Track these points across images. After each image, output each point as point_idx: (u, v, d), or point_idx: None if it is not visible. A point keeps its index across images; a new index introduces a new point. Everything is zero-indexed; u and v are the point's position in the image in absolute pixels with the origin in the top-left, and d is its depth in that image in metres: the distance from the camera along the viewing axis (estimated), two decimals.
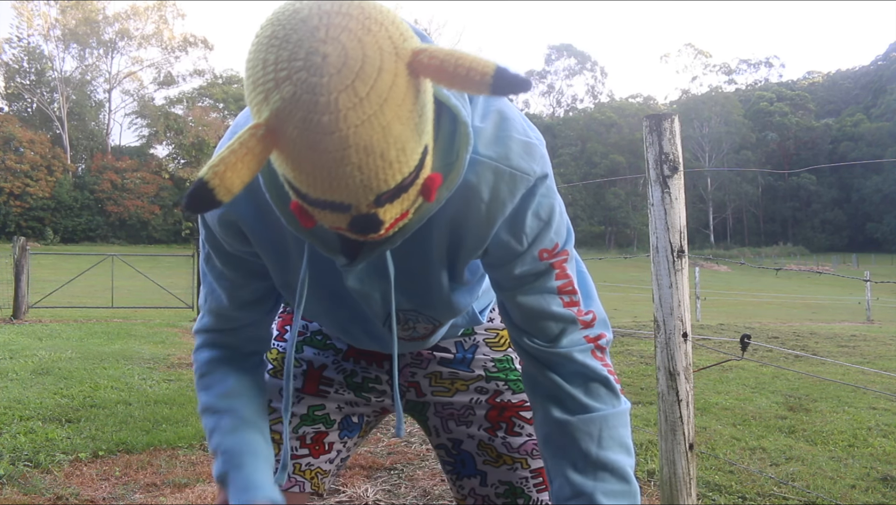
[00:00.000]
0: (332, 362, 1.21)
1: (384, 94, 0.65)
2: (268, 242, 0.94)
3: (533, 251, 0.92)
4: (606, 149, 63.73)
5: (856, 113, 69.96)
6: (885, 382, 5.60)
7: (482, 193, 0.86)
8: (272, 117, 0.65)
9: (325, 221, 0.74)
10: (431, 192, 0.75)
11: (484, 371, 1.21)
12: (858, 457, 3.39)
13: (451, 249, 0.93)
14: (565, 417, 0.96)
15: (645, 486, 2.82)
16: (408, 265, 0.94)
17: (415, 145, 0.69)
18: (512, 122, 0.88)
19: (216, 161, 0.66)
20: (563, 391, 0.96)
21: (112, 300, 11.89)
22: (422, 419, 1.27)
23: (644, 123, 2.03)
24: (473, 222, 0.89)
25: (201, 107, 57.50)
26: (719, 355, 5.70)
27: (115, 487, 2.73)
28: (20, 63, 55.79)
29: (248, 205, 0.90)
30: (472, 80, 0.66)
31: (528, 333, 0.97)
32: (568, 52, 75.47)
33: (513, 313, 0.98)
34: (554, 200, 0.92)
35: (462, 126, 0.80)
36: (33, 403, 4.01)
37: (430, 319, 1.05)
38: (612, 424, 0.96)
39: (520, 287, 0.94)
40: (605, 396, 0.97)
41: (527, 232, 0.90)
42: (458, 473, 1.25)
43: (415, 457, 3.21)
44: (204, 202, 0.66)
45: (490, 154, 0.85)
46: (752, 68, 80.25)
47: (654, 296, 2.01)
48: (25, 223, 47.20)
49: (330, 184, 0.67)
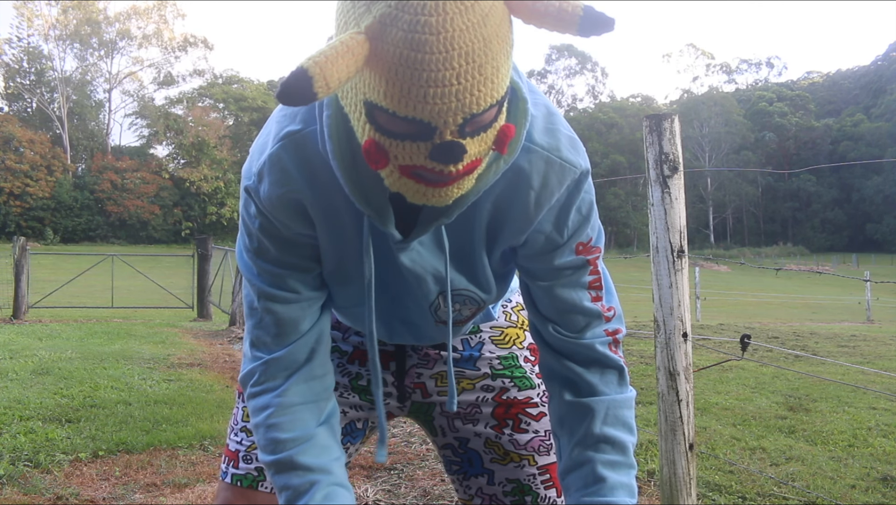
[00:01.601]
0: (337, 365, 1.20)
1: (486, 9, 0.68)
2: (327, 221, 0.94)
3: (571, 244, 0.95)
4: (606, 149, 63.69)
5: (856, 113, 69.94)
6: (885, 382, 5.60)
7: (533, 181, 0.89)
8: (375, 23, 0.68)
9: (403, 155, 0.74)
10: (505, 143, 0.77)
11: (490, 369, 1.21)
12: (858, 457, 3.39)
13: (491, 231, 0.95)
14: (577, 399, 1.01)
15: (645, 486, 2.82)
16: (455, 242, 0.95)
17: (505, 73, 0.72)
18: (559, 118, 0.92)
19: (316, 55, 0.66)
20: (580, 378, 1.01)
21: (112, 300, 11.89)
22: (427, 420, 1.26)
23: (644, 123, 2.03)
24: (519, 207, 0.91)
25: (201, 107, 57.48)
26: (719, 355, 5.70)
27: (115, 487, 2.73)
28: (20, 63, 55.80)
29: (310, 182, 0.90)
30: (562, 18, 0.69)
31: (556, 323, 1.00)
32: (569, 53, 75.43)
33: (542, 304, 1.01)
34: (592, 196, 0.96)
35: (522, 102, 0.83)
36: (33, 403, 4.01)
37: (475, 300, 1.04)
38: (618, 406, 1.01)
39: (557, 280, 0.98)
40: (616, 384, 1.02)
41: (569, 225, 0.94)
42: (466, 473, 1.24)
43: (415, 457, 3.21)
44: (301, 92, 0.66)
45: (542, 143, 0.89)
46: (752, 68, 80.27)
47: (654, 296, 2.01)
48: (25, 223, 47.17)
49: (426, 94, 0.68)
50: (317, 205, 0.92)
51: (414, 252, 0.94)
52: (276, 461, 0.96)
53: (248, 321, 1.00)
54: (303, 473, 0.95)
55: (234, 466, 1.15)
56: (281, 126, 0.90)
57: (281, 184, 0.89)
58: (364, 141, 0.76)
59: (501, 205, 0.91)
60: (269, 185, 0.90)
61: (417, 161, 0.74)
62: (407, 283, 1.00)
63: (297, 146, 0.88)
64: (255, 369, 0.99)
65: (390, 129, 0.72)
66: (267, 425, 0.97)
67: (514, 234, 0.94)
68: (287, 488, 0.95)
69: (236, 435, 1.17)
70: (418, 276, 0.97)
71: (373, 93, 0.71)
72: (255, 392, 0.99)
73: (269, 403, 0.97)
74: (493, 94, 0.71)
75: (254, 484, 1.13)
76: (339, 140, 0.84)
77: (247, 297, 1.00)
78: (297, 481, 0.95)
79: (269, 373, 0.98)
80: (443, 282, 0.98)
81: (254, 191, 0.92)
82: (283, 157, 0.88)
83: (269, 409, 0.97)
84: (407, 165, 0.75)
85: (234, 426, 1.18)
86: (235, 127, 57.60)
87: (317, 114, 0.87)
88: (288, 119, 0.90)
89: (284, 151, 0.88)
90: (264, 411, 0.98)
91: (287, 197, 0.90)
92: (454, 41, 0.67)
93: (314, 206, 0.92)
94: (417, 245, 0.93)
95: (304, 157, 0.88)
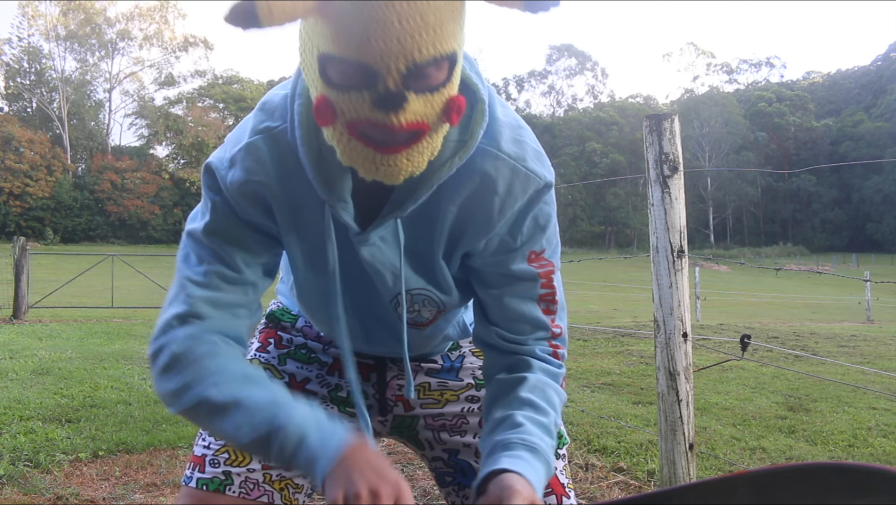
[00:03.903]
0: (316, 376, 1.20)
1: None
2: (293, 217, 0.96)
3: (524, 250, 0.98)
4: (606, 149, 63.68)
5: (856, 113, 69.95)
6: (885, 382, 5.60)
7: (498, 187, 0.92)
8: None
9: (349, 108, 0.77)
10: (453, 114, 0.80)
11: (473, 379, 1.22)
12: (858, 457, 3.39)
13: (453, 235, 0.97)
14: (509, 375, 1.01)
15: (645, 486, 2.82)
16: (416, 242, 0.97)
17: (452, 31, 0.75)
18: (527, 132, 0.96)
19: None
20: (517, 362, 1.02)
21: (112, 300, 11.88)
22: (411, 434, 1.25)
23: (644, 123, 2.03)
24: (483, 212, 0.94)
25: (201, 107, 57.50)
26: (719, 355, 5.70)
27: (115, 487, 2.73)
28: (20, 63, 55.81)
29: (281, 176, 0.93)
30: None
31: (502, 328, 1.02)
32: (569, 53, 75.45)
33: (491, 311, 1.03)
34: (552, 210, 0.98)
35: (479, 104, 0.87)
36: (33, 403, 4.01)
37: (434, 301, 1.05)
38: (547, 385, 1.00)
39: (508, 287, 1.00)
40: (551, 377, 1.03)
41: (523, 231, 0.97)
42: (461, 484, 1.23)
43: (415, 457, 3.21)
44: (244, 12, 0.70)
45: (509, 152, 0.92)
46: (753, 68, 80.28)
47: (654, 296, 2.01)
48: (25, 223, 47.20)
49: (368, 37, 0.72)
50: (284, 200, 0.94)
51: (374, 247, 0.96)
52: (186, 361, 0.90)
53: (179, 294, 0.96)
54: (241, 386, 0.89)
55: (199, 471, 1.12)
56: (259, 121, 0.94)
57: (251, 172, 0.92)
58: (315, 99, 0.80)
59: (467, 208, 0.94)
60: (239, 171, 0.93)
61: (361, 113, 0.77)
62: (369, 280, 1.02)
63: (274, 140, 0.92)
64: (180, 332, 0.93)
65: (338, 80, 0.76)
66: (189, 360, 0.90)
67: (474, 238, 0.97)
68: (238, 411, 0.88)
69: (204, 440, 1.14)
70: (377, 271, 0.99)
71: (323, 42, 0.75)
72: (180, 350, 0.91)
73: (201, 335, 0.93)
74: (435, 46, 0.74)
75: (220, 487, 1.10)
76: (308, 129, 0.88)
77: (184, 270, 0.96)
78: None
79: (198, 334, 0.93)
80: (399, 281, 0.99)
81: (221, 174, 0.94)
82: (261, 148, 0.92)
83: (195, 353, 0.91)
84: (353, 121, 0.78)
85: (202, 431, 1.15)
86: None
87: (288, 106, 0.91)
88: (266, 115, 0.94)
89: (263, 143, 0.92)
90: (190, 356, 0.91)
91: (251, 186, 0.93)
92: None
93: (280, 201, 0.94)
94: (378, 240, 0.95)
95: (278, 152, 0.92)
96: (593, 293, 19.26)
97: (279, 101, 0.94)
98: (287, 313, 1.24)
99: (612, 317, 12.29)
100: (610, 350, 7.11)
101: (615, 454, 3.19)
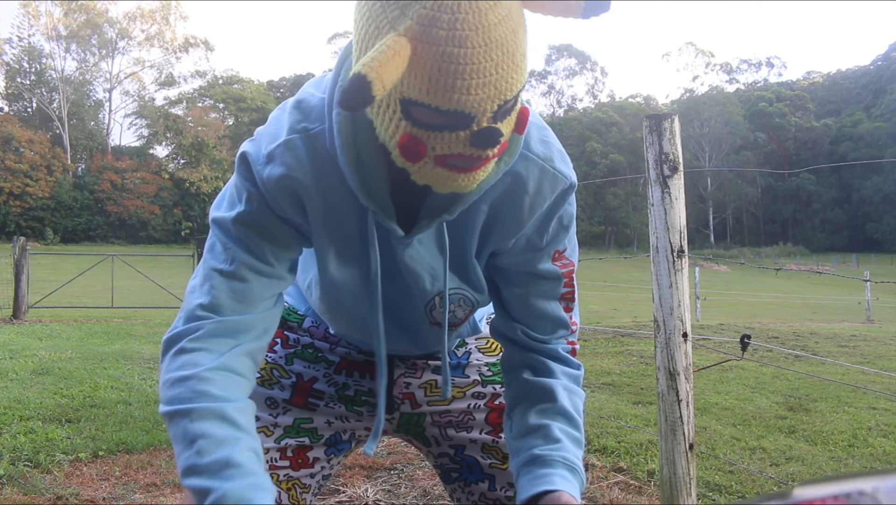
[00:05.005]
0: (324, 375, 1.20)
1: (509, 2, 0.74)
2: (328, 218, 0.95)
3: (549, 249, 1.00)
4: (606, 149, 63.69)
5: (856, 113, 69.95)
6: (885, 382, 5.60)
7: (528, 186, 0.94)
8: (414, 25, 0.71)
9: (442, 145, 0.77)
10: (524, 123, 0.82)
11: (479, 375, 1.22)
12: (858, 457, 3.39)
13: (484, 233, 0.98)
14: (536, 378, 1.03)
15: (645, 486, 2.82)
16: (450, 242, 0.98)
17: (527, 58, 0.77)
18: (550, 132, 0.98)
19: (369, 60, 0.69)
20: (543, 365, 1.04)
21: (112, 300, 11.89)
22: (418, 432, 1.25)
23: (644, 123, 2.03)
24: (514, 211, 0.95)
25: (201, 107, 57.52)
26: (719, 355, 5.69)
27: (115, 487, 2.73)
28: (20, 63, 55.80)
29: (317, 177, 0.92)
30: (569, 5, 0.75)
31: (526, 326, 1.04)
32: (568, 53, 75.43)
33: (514, 309, 1.04)
34: (574, 211, 1.01)
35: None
36: (33, 403, 4.01)
37: (469, 301, 1.06)
38: (574, 394, 1.04)
39: (534, 287, 1.02)
40: (573, 380, 1.05)
41: (549, 231, 0.99)
42: (466, 480, 1.23)
43: (415, 457, 3.21)
44: (362, 95, 0.69)
45: (538, 153, 0.94)
46: (752, 68, 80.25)
47: (654, 296, 2.01)
48: (25, 223, 47.19)
49: (469, 86, 0.72)
50: (319, 201, 0.93)
51: (413, 249, 0.96)
52: (198, 409, 0.85)
53: (205, 284, 0.93)
54: (230, 427, 0.85)
55: None
56: (296, 120, 0.92)
57: (291, 168, 0.91)
58: (400, 137, 0.78)
59: (498, 207, 0.95)
60: (278, 167, 0.91)
61: (456, 150, 0.77)
62: (403, 283, 1.01)
63: (312, 141, 0.91)
64: (202, 326, 0.91)
65: (428, 122, 0.76)
66: (198, 378, 0.87)
67: (504, 237, 0.98)
68: (203, 437, 0.83)
69: None
70: (416, 274, 0.99)
71: (411, 90, 0.74)
72: (193, 348, 0.89)
73: (204, 362, 0.89)
74: (520, 80, 0.76)
75: None
76: (347, 136, 0.87)
77: (210, 260, 0.95)
78: (221, 432, 0.84)
79: (217, 333, 0.91)
80: (440, 280, 1.00)
81: (257, 168, 0.92)
82: (299, 147, 0.91)
83: (202, 366, 0.88)
84: (443, 155, 0.78)
85: None
86: (235, 127, 57.63)
87: (326, 112, 0.90)
88: (302, 115, 0.93)
89: (301, 143, 0.91)
90: (196, 367, 0.88)
91: (288, 182, 0.91)
92: (491, 34, 0.72)
93: (315, 201, 0.93)
94: (416, 243, 0.96)
95: (315, 153, 0.91)
96: (593, 293, 19.25)
97: (316, 103, 0.93)
98: (293, 313, 1.24)
99: (612, 317, 12.28)
100: (610, 350, 7.11)
101: (615, 454, 3.19)
